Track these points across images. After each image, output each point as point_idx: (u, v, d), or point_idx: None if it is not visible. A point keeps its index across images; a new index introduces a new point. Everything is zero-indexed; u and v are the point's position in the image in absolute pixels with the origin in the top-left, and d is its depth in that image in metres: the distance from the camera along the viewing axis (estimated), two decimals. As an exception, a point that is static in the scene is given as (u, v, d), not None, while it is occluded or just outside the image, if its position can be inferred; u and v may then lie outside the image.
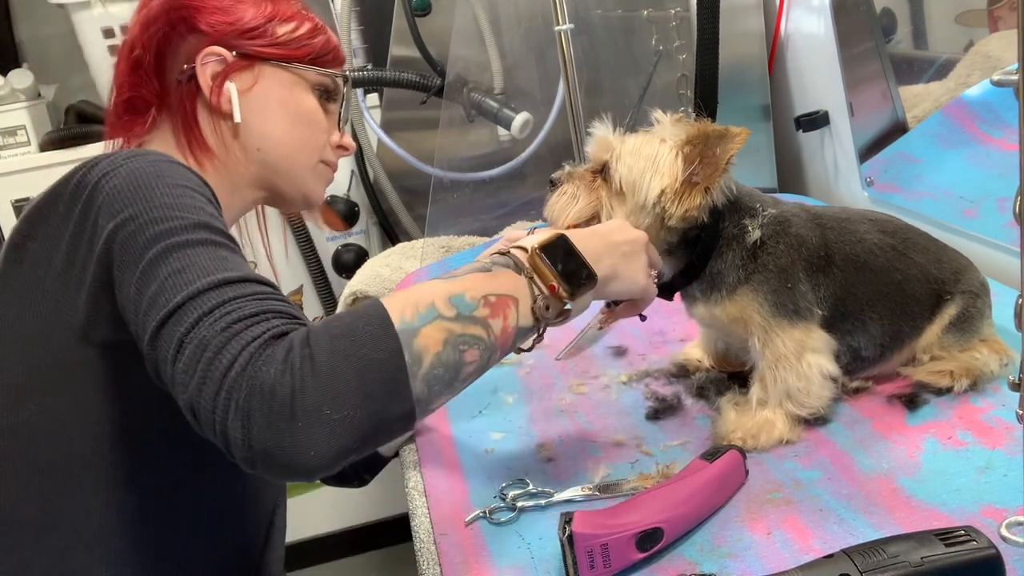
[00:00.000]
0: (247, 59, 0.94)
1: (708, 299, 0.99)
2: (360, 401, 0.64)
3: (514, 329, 0.75)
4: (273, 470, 0.64)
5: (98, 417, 0.83)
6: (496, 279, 0.75)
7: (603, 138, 0.99)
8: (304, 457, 0.63)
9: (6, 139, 2.09)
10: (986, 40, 1.35)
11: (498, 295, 0.74)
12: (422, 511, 0.95)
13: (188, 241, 0.72)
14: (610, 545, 0.77)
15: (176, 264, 0.70)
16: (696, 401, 1.08)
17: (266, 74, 0.96)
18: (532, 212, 1.92)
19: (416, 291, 0.71)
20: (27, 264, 0.82)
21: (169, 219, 0.74)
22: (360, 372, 0.65)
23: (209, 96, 0.93)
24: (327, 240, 2.30)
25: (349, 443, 0.64)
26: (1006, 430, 0.91)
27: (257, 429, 0.62)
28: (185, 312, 0.67)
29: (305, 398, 0.62)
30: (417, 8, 1.96)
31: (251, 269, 0.73)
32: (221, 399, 0.63)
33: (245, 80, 0.94)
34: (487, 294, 0.73)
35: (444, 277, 0.74)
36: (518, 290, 0.76)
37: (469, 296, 0.72)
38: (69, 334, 0.80)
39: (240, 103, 0.94)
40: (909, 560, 0.66)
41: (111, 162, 0.80)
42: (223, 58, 0.93)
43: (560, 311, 0.78)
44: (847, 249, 0.99)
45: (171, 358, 0.66)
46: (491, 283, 0.74)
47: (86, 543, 0.84)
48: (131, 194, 0.76)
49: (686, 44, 1.82)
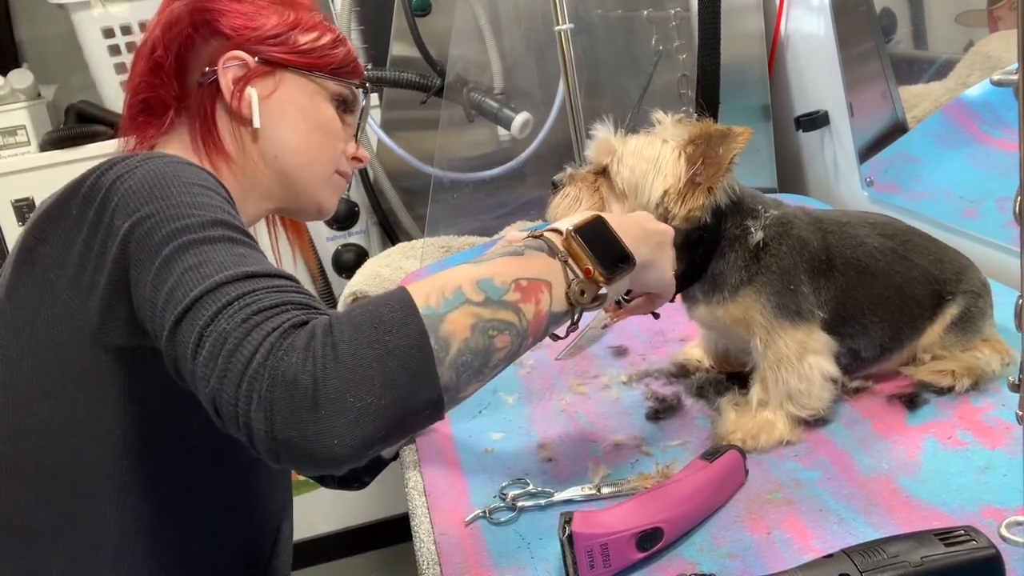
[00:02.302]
0: (269, 65, 0.94)
1: (710, 300, 0.99)
2: (384, 389, 0.62)
3: (547, 314, 0.72)
4: (298, 461, 0.63)
5: (110, 422, 0.82)
6: (528, 262, 0.73)
7: (604, 140, 0.99)
8: (328, 446, 0.61)
9: (6, 139, 2.09)
10: (986, 40, 1.35)
11: (530, 279, 0.71)
12: (422, 511, 0.95)
13: (205, 238, 0.72)
14: (610, 545, 0.77)
15: (193, 260, 0.70)
16: (696, 401, 1.08)
17: (287, 81, 0.95)
18: (532, 212, 1.92)
19: (443, 276, 0.70)
20: (39, 267, 0.81)
21: (186, 216, 0.73)
22: (383, 359, 0.63)
23: (230, 100, 0.93)
24: (327, 240, 2.30)
25: (374, 431, 0.63)
26: (1006, 430, 0.91)
27: (280, 419, 0.61)
28: (203, 305, 0.66)
29: (327, 386, 0.61)
30: (417, 8, 1.96)
31: (270, 264, 0.72)
32: (243, 391, 0.62)
33: (266, 86, 0.94)
34: (518, 278, 0.71)
35: (474, 261, 0.72)
36: (551, 274, 0.73)
37: (499, 280, 0.70)
38: (81, 338, 0.80)
39: (260, 109, 0.93)
40: (909, 560, 0.67)
41: (125, 165, 0.79)
42: (245, 63, 0.93)
43: (596, 296, 0.75)
44: (848, 253, 0.99)
45: (191, 353, 0.65)
46: (523, 266, 0.72)
47: (97, 548, 0.84)
48: (147, 193, 0.75)
49: (686, 44, 1.83)
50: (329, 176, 1.01)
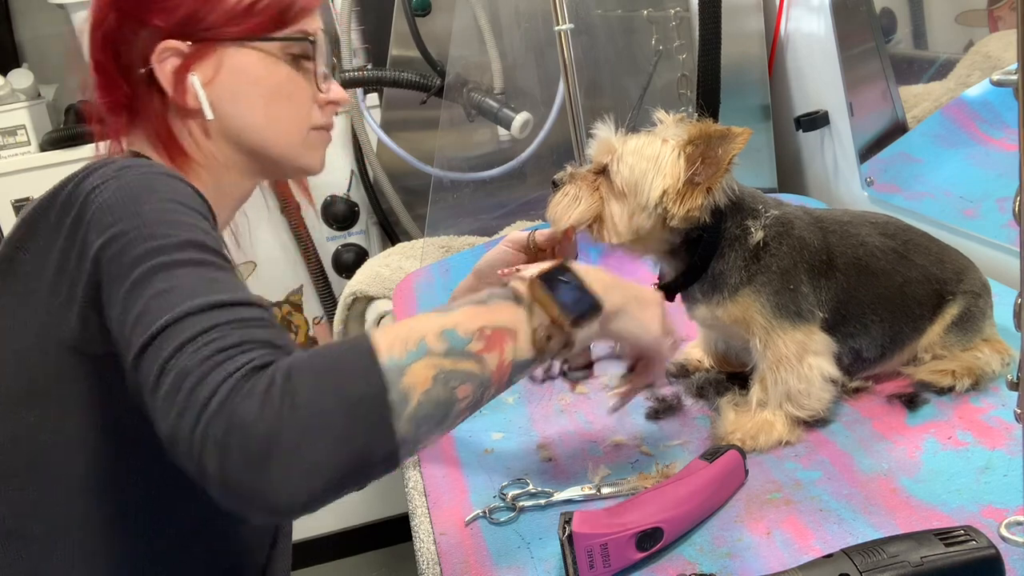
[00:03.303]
0: (205, 45, 0.87)
1: (710, 300, 0.99)
2: (340, 442, 0.62)
3: (511, 363, 0.72)
4: (247, 509, 0.62)
5: (97, 426, 0.82)
6: (492, 311, 0.72)
7: (605, 139, 0.99)
8: (279, 497, 0.61)
9: (6, 139, 2.09)
10: (986, 40, 1.35)
11: (495, 327, 0.70)
12: (422, 511, 0.95)
13: (176, 261, 0.70)
14: (610, 545, 0.77)
15: (162, 284, 0.68)
16: (696, 401, 1.08)
17: (228, 57, 0.88)
18: (532, 212, 1.92)
19: (407, 325, 0.69)
20: (20, 275, 0.81)
21: (158, 236, 0.71)
22: (342, 412, 0.62)
23: (173, 95, 0.87)
24: (327, 240, 2.30)
25: (327, 484, 0.62)
26: (1006, 430, 0.91)
27: (233, 466, 0.60)
28: (168, 337, 0.65)
29: (283, 437, 0.60)
30: (417, 8, 1.96)
31: (242, 288, 0.71)
32: (198, 433, 0.61)
33: (207, 69, 0.87)
34: (483, 327, 0.70)
35: (438, 310, 0.72)
36: (516, 322, 0.72)
37: (462, 330, 0.69)
38: (62, 347, 0.79)
39: (208, 96, 0.87)
40: (909, 560, 0.67)
41: (102, 175, 0.77)
42: (179, 51, 0.86)
43: (564, 342, 0.75)
44: (849, 253, 0.99)
45: (152, 385, 0.64)
46: (487, 315, 0.71)
47: (91, 552, 0.83)
48: (121, 209, 0.74)
49: (686, 44, 1.82)
50: (304, 138, 0.94)
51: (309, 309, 2.36)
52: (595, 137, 1.00)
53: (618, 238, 0.97)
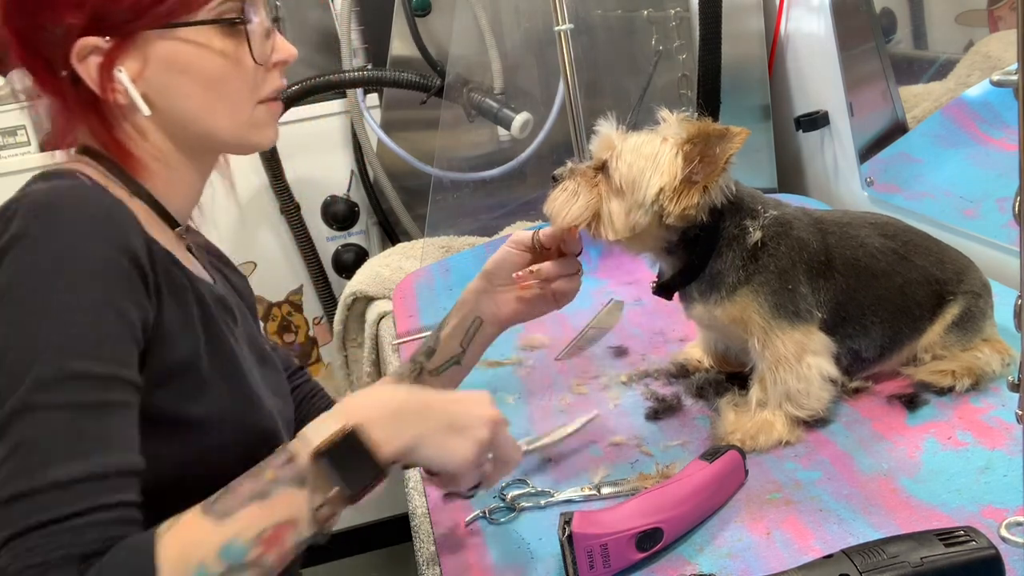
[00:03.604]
0: (125, 36, 0.80)
1: (707, 300, 0.99)
2: None
3: (294, 546, 0.72)
4: None
5: None
6: (274, 507, 0.71)
7: (606, 136, 0.99)
8: None
9: (6, 139, 2.09)
10: (986, 40, 1.35)
11: (275, 525, 0.71)
12: (422, 511, 0.95)
13: (49, 404, 0.68)
14: (610, 545, 0.77)
15: (19, 436, 0.67)
16: (696, 401, 1.08)
17: (153, 47, 0.81)
18: (532, 212, 1.92)
19: (190, 543, 0.68)
20: None
21: (44, 362, 0.68)
22: None
23: (103, 95, 0.81)
24: (327, 240, 2.30)
25: None
26: (1006, 430, 0.91)
27: None
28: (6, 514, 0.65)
29: None
30: (417, 8, 1.96)
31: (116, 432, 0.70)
32: None
33: (134, 63, 0.81)
34: (262, 530, 0.70)
35: (218, 516, 0.70)
36: (297, 511, 0.72)
37: (242, 540, 0.69)
38: None
39: (140, 90, 0.82)
40: (909, 560, 0.67)
41: (24, 227, 0.72)
42: (98, 48, 0.80)
43: (346, 506, 0.75)
44: (848, 254, 0.99)
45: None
46: (268, 515, 0.71)
47: None
48: (19, 307, 0.70)
49: (686, 44, 1.82)
50: (250, 117, 0.87)
51: (309, 309, 2.36)
52: (597, 133, 1.00)
53: (615, 235, 0.97)
